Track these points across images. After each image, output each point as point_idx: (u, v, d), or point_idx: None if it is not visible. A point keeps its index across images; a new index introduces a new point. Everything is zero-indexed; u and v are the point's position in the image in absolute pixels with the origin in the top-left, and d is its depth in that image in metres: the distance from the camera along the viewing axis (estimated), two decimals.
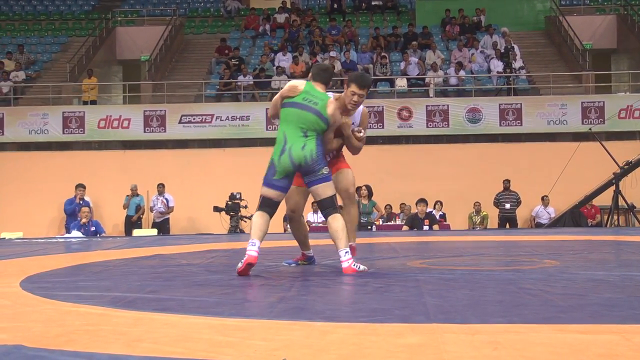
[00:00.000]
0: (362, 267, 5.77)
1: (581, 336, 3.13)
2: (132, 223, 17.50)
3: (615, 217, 15.80)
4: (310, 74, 6.03)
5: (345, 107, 5.97)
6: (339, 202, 6.03)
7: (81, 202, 15.08)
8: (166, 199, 17.57)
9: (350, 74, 6.27)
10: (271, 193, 5.79)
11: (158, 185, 17.59)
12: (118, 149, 19.61)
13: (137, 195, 17.84)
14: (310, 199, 6.36)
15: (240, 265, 5.65)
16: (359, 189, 14.78)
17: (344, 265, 5.70)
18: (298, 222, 6.37)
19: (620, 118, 18.71)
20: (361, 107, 6.14)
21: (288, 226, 16.42)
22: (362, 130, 6.13)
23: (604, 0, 26.31)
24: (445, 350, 2.90)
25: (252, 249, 5.62)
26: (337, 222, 5.76)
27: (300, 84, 5.89)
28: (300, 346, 3.04)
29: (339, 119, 5.90)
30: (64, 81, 21.87)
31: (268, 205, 5.81)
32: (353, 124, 6.11)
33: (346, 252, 5.72)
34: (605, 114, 18.70)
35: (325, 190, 5.79)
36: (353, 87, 5.95)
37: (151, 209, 17.77)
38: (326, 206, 5.83)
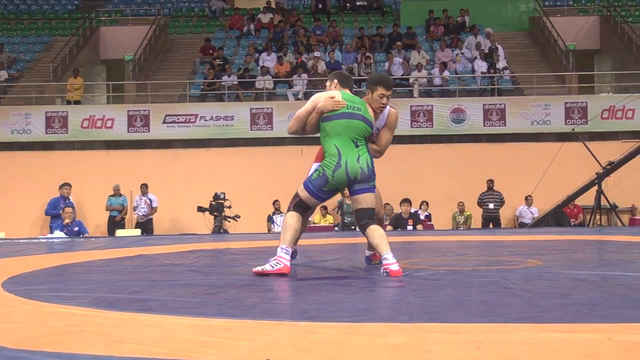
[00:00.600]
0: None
1: (563, 335, 3.14)
2: (115, 223, 17.43)
3: (598, 217, 15.88)
4: (335, 81, 5.90)
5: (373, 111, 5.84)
6: None
7: (67, 201, 15.01)
8: (149, 199, 17.52)
9: (371, 76, 6.06)
10: (312, 202, 5.74)
11: (141, 185, 17.53)
12: (101, 149, 19.54)
13: (120, 195, 17.77)
14: None
15: (266, 269, 5.55)
16: None
17: (393, 267, 5.40)
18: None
19: (603, 118, 18.80)
20: (387, 107, 5.95)
21: (272, 226, 16.50)
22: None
23: (587, 2, 26.45)
24: (429, 350, 2.90)
25: (285, 257, 5.54)
26: (377, 231, 5.58)
27: (337, 94, 5.73)
28: (284, 346, 3.04)
29: (394, 118, 5.96)
30: (47, 81, 21.76)
31: (303, 208, 5.74)
32: (377, 129, 5.98)
33: (392, 255, 5.47)
34: (588, 114, 18.78)
35: (370, 199, 5.67)
36: (381, 90, 5.77)
37: (134, 209, 17.71)
38: (365, 216, 5.65)
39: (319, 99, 5.75)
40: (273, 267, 5.54)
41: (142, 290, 4.92)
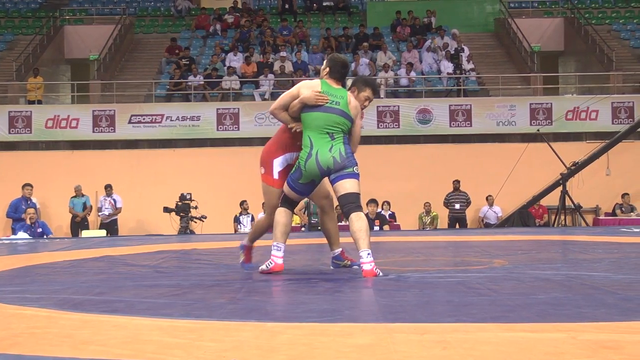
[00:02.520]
0: (381, 273, 5.43)
1: (529, 335, 3.16)
2: (78, 224, 17.21)
3: (562, 217, 16.02)
4: (327, 69, 5.76)
5: None
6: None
7: (29, 202, 14.86)
8: (114, 200, 17.37)
9: (361, 78, 5.97)
10: (292, 195, 5.77)
11: (105, 186, 17.34)
12: (66, 149, 19.33)
13: (82, 195, 17.57)
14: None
15: (264, 268, 5.67)
16: None
17: (366, 267, 5.37)
18: (328, 215, 6.13)
19: (567, 119, 18.97)
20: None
21: (239, 227, 16.45)
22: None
23: (551, 4, 26.68)
24: (395, 350, 2.91)
25: (278, 255, 5.62)
26: (361, 221, 5.48)
27: (316, 84, 5.66)
28: (250, 347, 3.03)
29: (359, 110, 5.74)
30: (10, 80, 21.53)
31: (289, 203, 5.79)
32: None
33: (368, 254, 5.40)
34: (552, 115, 18.93)
35: (352, 185, 5.55)
36: (368, 93, 5.80)
37: (99, 210, 17.54)
38: (349, 201, 5.53)
39: (304, 88, 5.68)
40: (267, 267, 5.66)
41: (108, 291, 4.88)
